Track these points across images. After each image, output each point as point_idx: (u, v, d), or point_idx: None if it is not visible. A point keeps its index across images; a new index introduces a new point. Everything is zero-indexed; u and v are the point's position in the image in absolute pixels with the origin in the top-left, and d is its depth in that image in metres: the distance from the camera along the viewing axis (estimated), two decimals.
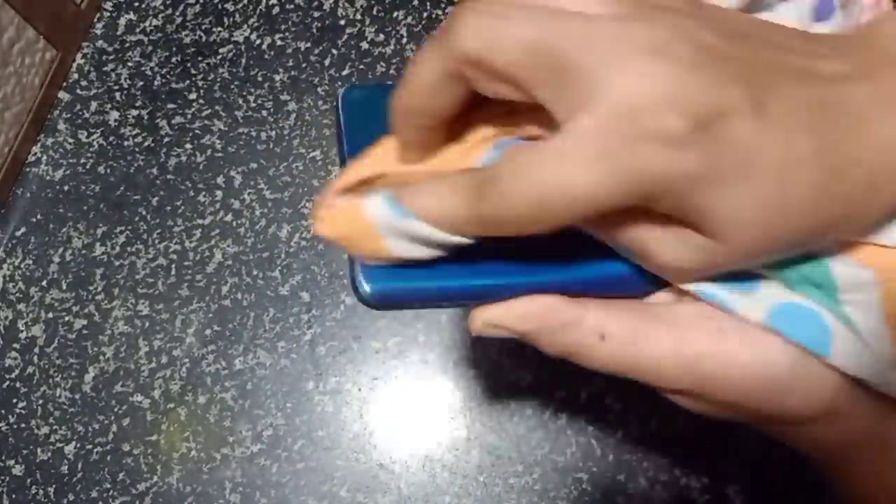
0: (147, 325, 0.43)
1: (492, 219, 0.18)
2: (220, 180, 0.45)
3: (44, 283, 0.44)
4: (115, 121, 0.47)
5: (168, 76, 0.48)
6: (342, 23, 0.48)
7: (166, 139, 0.46)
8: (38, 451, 0.41)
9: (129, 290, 0.44)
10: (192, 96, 0.47)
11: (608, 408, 0.40)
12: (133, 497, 0.40)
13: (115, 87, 0.48)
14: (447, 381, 0.41)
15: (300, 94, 0.46)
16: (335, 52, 0.47)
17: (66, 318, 0.43)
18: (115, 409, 0.42)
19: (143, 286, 0.44)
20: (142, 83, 0.48)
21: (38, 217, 0.45)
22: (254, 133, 0.46)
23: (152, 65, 0.48)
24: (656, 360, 0.20)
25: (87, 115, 0.47)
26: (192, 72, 0.47)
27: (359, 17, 0.48)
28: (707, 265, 0.18)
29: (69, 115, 0.47)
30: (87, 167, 0.46)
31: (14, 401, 0.42)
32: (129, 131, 0.47)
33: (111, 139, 0.47)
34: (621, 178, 0.16)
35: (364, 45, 0.47)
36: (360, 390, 0.41)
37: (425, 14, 0.48)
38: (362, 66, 0.47)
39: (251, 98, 0.47)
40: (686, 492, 0.38)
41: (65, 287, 0.44)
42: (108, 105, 0.47)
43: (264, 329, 0.42)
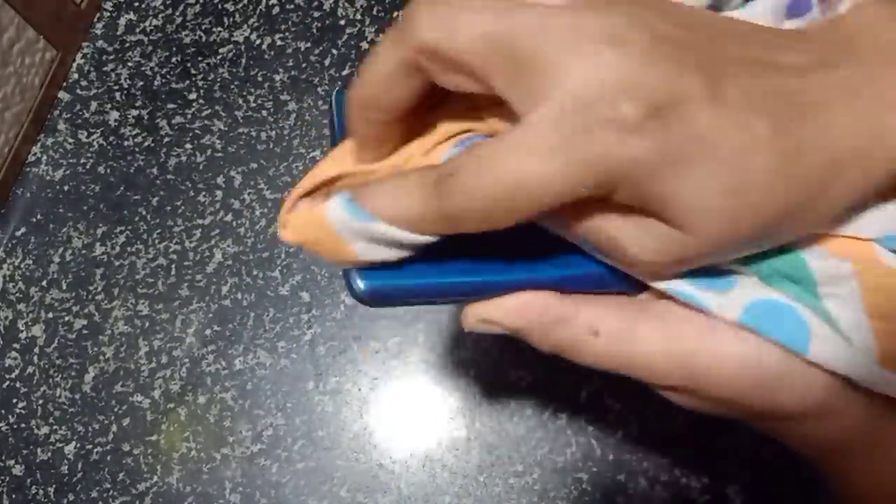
0: (147, 325, 0.43)
1: (451, 214, 0.17)
2: (220, 180, 0.45)
3: (44, 283, 0.44)
4: (115, 121, 0.47)
5: (168, 76, 0.48)
6: (342, 23, 0.48)
7: (166, 139, 0.46)
8: (38, 451, 0.41)
9: (129, 290, 0.44)
10: (192, 96, 0.47)
11: (608, 408, 0.40)
12: (133, 497, 0.40)
13: (115, 87, 0.48)
14: (447, 380, 0.41)
15: (300, 94, 0.46)
16: (335, 52, 0.47)
17: (66, 318, 0.43)
18: (115, 409, 0.42)
19: (143, 286, 0.44)
20: (142, 83, 0.48)
21: (38, 217, 0.45)
22: (254, 133, 0.46)
23: (152, 65, 0.48)
24: (648, 357, 0.20)
25: (87, 115, 0.47)
26: (192, 72, 0.47)
27: (359, 17, 0.48)
28: (676, 257, 0.18)
29: (69, 115, 0.47)
30: (87, 167, 0.46)
31: (14, 401, 0.42)
32: (129, 131, 0.47)
33: (111, 139, 0.47)
34: (579, 167, 0.16)
35: (364, 45, 0.47)
36: (360, 390, 0.41)
37: None
38: None
39: (251, 98, 0.47)
40: (686, 492, 0.38)
41: (65, 287, 0.44)
42: (108, 105, 0.47)
43: (264, 329, 0.42)
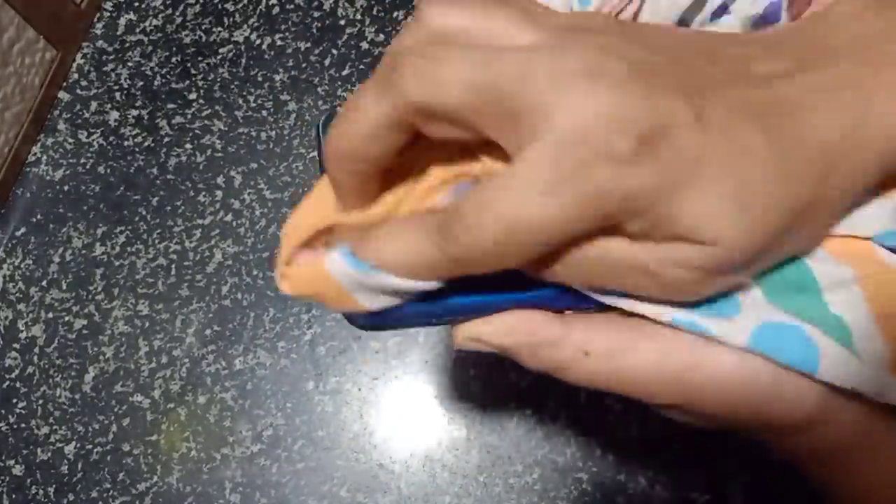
0: (147, 325, 0.43)
1: (461, 258, 0.17)
2: (220, 180, 0.45)
3: (44, 283, 0.44)
4: (115, 121, 0.47)
5: (168, 76, 0.48)
6: (342, 23, 0.48)
7: (166, 139, 0.46)
8: (38, 451, 0.41)
9: (129, 290, 0.44)
10: (192, 96, 0.47)
11: (608, 408, 0.40)
12: (133, 497, 0.40)
13: (115, 87, 0.48)
14: (447, 381, 0.41)
15: (300, 94, 0.46)
16: (335, 52, 0.47)
17: (66, 318, 0.43)
18: (115, 409, 0.42)
19: (143, 286, 0.44)
20: (142, 83, 0.48)
21: (38, 217, 0.45)
22: (254, 133, 0.46)
23: (152, 65, 0.48)
24: (641, 375, 0.20)
25: (87, 115, 0.47)
26: (192, 72, 0.47)
27: (359, 17, 0.48)
28: (710, 268, 0.18)
29: (69, 115, 0.47)
30: (87, 167, 0.46)
31: (14, 401, 0.42)
32: (129, 131, 0.47)
33: (111, 139, 0.47)
34: (579, 201, 0.16)
35: (364, 45, 0.47)
36: (360, 390, 0.41)
37: None
38: (362, 66, 0.47)
39: (251, 98, 0.47)
40: (686, 492, 0.38)
41: (65, 287, 0.44)
42: (108, 105, 0.47)
43: (264, 329, 0.42)
